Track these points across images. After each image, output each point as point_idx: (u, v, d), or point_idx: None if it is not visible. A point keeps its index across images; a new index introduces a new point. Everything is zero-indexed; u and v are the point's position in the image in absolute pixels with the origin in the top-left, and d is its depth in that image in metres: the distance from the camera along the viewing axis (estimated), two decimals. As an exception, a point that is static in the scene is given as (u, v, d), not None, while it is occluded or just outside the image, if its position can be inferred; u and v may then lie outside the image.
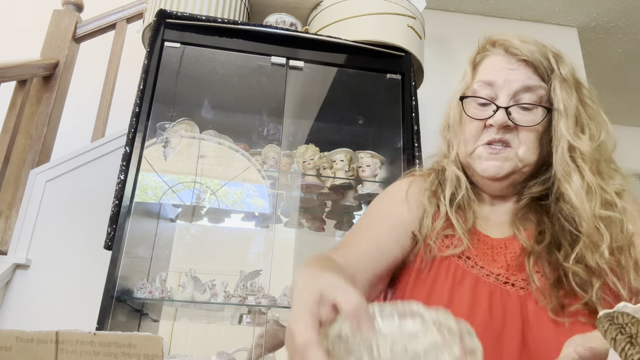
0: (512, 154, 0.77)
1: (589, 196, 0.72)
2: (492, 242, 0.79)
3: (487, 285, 0.73)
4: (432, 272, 0.76)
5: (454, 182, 0.82)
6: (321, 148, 1.86)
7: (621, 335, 0.42)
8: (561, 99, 0.76)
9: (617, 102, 3.44)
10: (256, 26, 1.78)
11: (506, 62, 0.80)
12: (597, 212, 0.71)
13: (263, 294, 1.56)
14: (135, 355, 0.49)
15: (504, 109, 0.76)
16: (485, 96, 0.80)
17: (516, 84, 0.78)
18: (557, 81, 0.78)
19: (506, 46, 0.81)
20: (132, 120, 1.59)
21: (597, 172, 0.75)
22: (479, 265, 0.75)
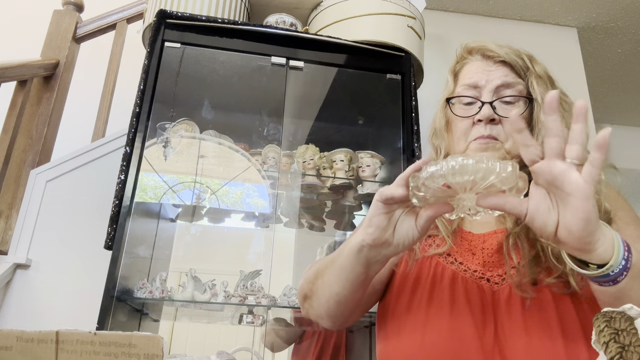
0: (500, 146, 0.82)
1: None
2: (472, 237, 0.82)
3: (464, 280, 0.75)
4: (415, 272, 0.80)
5: None
6: (321, 148, 1.86)
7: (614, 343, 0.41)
8: (539, 92, 0.82)
9: (617, 102, 3.44)
10: (256, 26, 1.78)
11: (485, 65, 0.87)
12: None
13: (263, 294, 1.56)
14: (135, 355, 0.49)
15: (488, 103, 0.82)
16: (470, 96, 0.85)
17: (496, 81, 0.84)
18: (534, 77, 0.84)
19: (483, 51, 0.88)
20: (133, 120, 1.60)
21: None
22: (458, 262, 0.78)
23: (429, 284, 0.76)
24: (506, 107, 0.83)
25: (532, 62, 0.86)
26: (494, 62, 0.86)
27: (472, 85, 0.86)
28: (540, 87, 0.82)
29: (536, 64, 0.86)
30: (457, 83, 0.90)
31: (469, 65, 0.89)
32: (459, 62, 0.92)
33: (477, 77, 0.86)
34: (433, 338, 0.70)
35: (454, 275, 0.76)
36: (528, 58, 0.86)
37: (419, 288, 0.77)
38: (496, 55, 0.86)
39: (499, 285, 0.74)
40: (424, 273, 0.79)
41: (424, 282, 0.77)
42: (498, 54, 0.85)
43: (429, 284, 0.76)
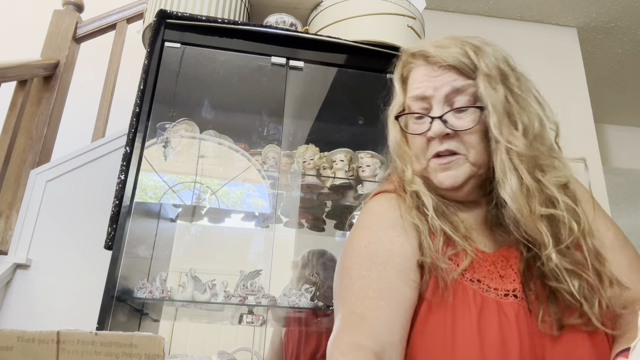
0: (463, 160, 0.75)
1: (528, 198, 0.70)
2: (491, 257, 0.75)
3: (511, 306, 0.69)
4: (449, 300, 0.70)
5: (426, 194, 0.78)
6: (321, 148, 1.86)
7: None
8: (487, 97, 0.74)
9: (617, 102, 3.44)
10: (256, 26, 1.78)
11: (429, 71, 0.79)
12: (538, 211, 0.69)
13: (263, 294, 1.56)
14: (136, 355, 0.49)
15: (438, 118, 0.75)
16: (420, 109, 0.79)
17: (445, 89, 0.76)
18: (481, 78, 0.75)
19: (424, 56, 0.80)
20: (133, 120, 1.60)
21: (536, 168, 0.72)
22: (492, 288, 0.71)
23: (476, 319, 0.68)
24: (459, 117, 0.76)
25: (479, 57, 0.77)
26: (439, 67, 0.78)
27: (420, 96, 0.79)
28: (488, 90, 0.74)
29: (484, 58, 0.77)
30: (406, 92, 0.83)
31: (414, 71, 0.82)
32: (405, 67, 0.84)
33: (424, 87, 0.78)
34: None
35: (498, 305, 0.70)
36: (475, 52, 0.78)
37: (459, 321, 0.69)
38: (439, 60, 0.77)
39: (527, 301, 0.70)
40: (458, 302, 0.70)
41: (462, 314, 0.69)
42: (441, 59, 0.77)
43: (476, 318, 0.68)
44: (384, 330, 0.66)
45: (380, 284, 0.70)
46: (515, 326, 0.67)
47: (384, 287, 0.70)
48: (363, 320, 0.67)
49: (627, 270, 0.74)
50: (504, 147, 0.72)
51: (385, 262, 0.73)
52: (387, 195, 0.83)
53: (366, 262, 0.73)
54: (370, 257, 0.74)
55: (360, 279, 0.72)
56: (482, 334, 0.66)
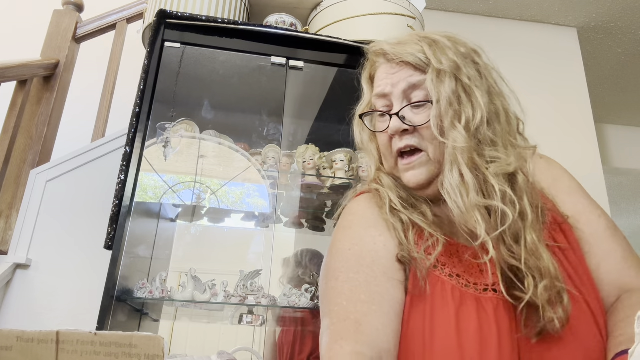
0: (425, 157, 0.76)
1: (466, 191, 0.70)
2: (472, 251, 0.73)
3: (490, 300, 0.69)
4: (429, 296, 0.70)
5: (393, 188, 0.80)
6: (321, 148, 1.86)
7: None
8: (434, 91, 0.74)
9: (617, 102, 3.44)
10: (256, 26, 1.78)
11: (389, 69, 0.80)
12: (475, 201, 0.69)
13: (263, 294, 1.56)
14: (136, 355, 0.49)
15: (395, 115, 0.76)
16: (382, 107, 0.80)
17: (401, 85, 0.78)
18: (430, 72, 0.76)
19: (384, 53, 0.82)
20: (133, 120, 1.60)
21: (477, 161, 0.72)
22: (472, 283, 0.71)
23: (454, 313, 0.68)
24: (416, 112, 0.76)
25: (433, 52, 0.77)
26: (396, 64, 0.80)
27: (381, 94, 0.80)
28: (436, 84, 0.74)
29: (438, 51, 0.77)
30: (372, 91, 0.85)
31: (378, 70, 0.84)
32: (372, 66, 0.86)
33: (383, 85, 0.80)
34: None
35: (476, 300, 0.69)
36: (430, 46, 0.78)
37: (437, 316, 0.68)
38: (395, 57, 0.79)
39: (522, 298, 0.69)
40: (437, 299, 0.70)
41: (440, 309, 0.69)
42: (396, 56, 0.79)
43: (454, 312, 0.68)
44: (379, 337, 0.66)
45: (370, 287, 0.70)
46: (493, 320, 0.66)
47: (375, 292, 0.70)
48: (359, 326, 0.66)
49: (621, 259, 0.75)
50: (446, 141, 0.73)
51: (372, 264, 0.73)
52: (366, 195, 0.84)
53: (353, 264, 0.73)
54: (356, 259, 0.74)
55: (349, 282, 0.72)
56: (460, 329, 0.66)
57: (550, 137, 2.54)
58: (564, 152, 2.57)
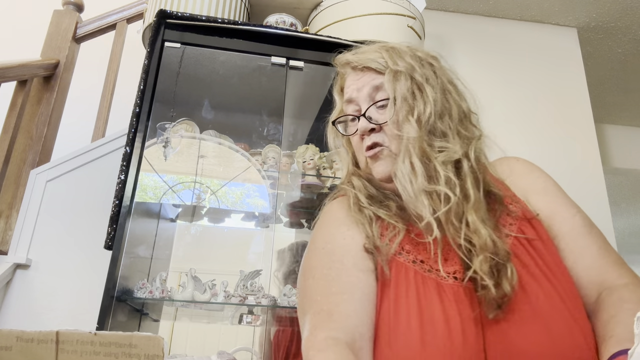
0: (387, 151, 0.82)
1: (413, 175, 0.76)
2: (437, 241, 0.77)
3: (450, 287, 0.72)
4: (393, 281, 0.74)
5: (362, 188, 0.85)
6: (321, 148, 1.86)
7: None
8: (390, 90, 0.81)
9: (617, 102, 3.44)
10: (256, 26, 1.78)
11: (354, 76, 0.88)
12: (422, 186, 0.75)
13: (263, 294, 1.56)
14: (136, 355, 0.49)
15: (362, 115, 0.83)
16: (352, 112, 0.87)
17: (366, 89, 0.85)
18: (387, 74, 0.83)
19: (348, 63, 0.89)
20: (133, 120, 1.60)
21: (426, 151, 0.77)
22: (434, 269, 0.74)
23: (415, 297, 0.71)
24: (381, 112, 0.83)
25: (390, 56, 0.85)
26: (360, 70, 0.87)
27: (349, 100, 0.87)
28: (392, 83, 0.81)
29: (395, 56, 0.85)
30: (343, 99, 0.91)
31: (346, 79, 0.91)
32: (342, 78, 0.93)
33: (350, 91, 0.87)
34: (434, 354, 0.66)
35: (438, 284, 0.72)
36: (387, 52, 0.86)
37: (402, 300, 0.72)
38: (358, 64, 0.87)
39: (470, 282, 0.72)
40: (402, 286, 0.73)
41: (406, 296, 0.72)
42: (359, 62, 0.87)
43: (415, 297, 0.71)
44: (352, 322, 0.70)
45: (341, 279, 0.75)
46: (454, 303, 0.69)
47: (345, 282, 0.74)
48: (331, 316, 0.70)
49: (597, 256, 0.76)
50: (401, 135, 0.79)
51: (342, 258, 0.78)
52: (339, 199, 0.90)
53: (326, 261, 0.79)
54: (329, 256, 0.79)
55: (323, 278, 0.77)
56: (422, 312, 0.69)
57: (550, 137, 2.54)
58: (564, 152, 2.57)
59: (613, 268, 0.75)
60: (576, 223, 0.79)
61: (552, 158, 2.50)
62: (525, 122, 2.52)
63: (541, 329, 0.67)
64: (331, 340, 0.67)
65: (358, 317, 0.71)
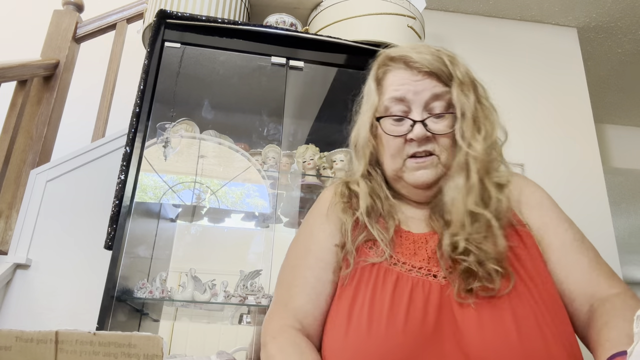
0: (436, 160, 0.82)
1: (468, 193, 0.78)
2: (414, 237, 0.82)
3: (409, 279, 0.75)
4: (356, 278, 0.78)
5: (367, 197, 0.85)
6: (321, 148, 1.86)
7: None
8: (459, 104, 0.81)
9: (617, 102, 3.44)
10: (256, 26, 1.78)
11: (410, 75, 0.84)
12: (469, 207, 0.77)
13: (263, 294, 1.56)
14: (135, 355, 0.49)
15: (420, 122, 0.81)
16: (399, 112, 0.84)
17: (425, 94, 0.82)
18: (455, 86, 0.82)
19: (405, 60, 0.85)
20: (133, 120, 1.60)
21: (485, 171, 0.80)
22: (401, 262, 0.78)
23: (370, 289, 0.75)
24: (437, 121, 0.82)
25: (454, 67, 0.84)
26: (419, 72, 0.84)
27: (400, 98, 0.84)
28: (461, 96, 0.82)
29: (458, 67, 0.84)
30: (382, 93, 0.88)
31: (392, 73, 0.87)
32: (380, 69, 0.90)
33: (404, 90, 0.84)
34: (377, 344, 0.69)
35: (398, 276, 0.76)
36: (450, 61, 0.85)
37: (360, 294, 0.76)
38: (421, 66, 0.84)
39: (446, 279, 0.75)
40: (364, 279, 0.78)
41: (365, 287, 0.76)
42: (422, 65, 0.83)
43: (370, 289, 0.75)
44: (300, 313, 0.78)
45: (302, 273, 0.82)
46: (407, 294, 0.73)
47: (301, 276, 0.82)
48: (285, 307, 0.80)
49: (587, 269, 0.77)
50: (464, 150, 0.80)
51: (310, 252, 0.84)
52: (330, 187, 0.94)
53: (299, 252, 0.86)
54: (302, 247, 0.86)
55: (292, 268, 0.85)
56: (374, 302, 0.73)
57: (550, 137, 2.54)
58: (564, 152, 2.57)
59: (604, 280, 0.76)
60: (568, 237, 0.81)
61: (552, 158, 2.49)
62: (525, 122, 2.51)
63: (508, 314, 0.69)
64: (282, 327, 0.77)
65: (305, 309, 0.79)
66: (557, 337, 0.68)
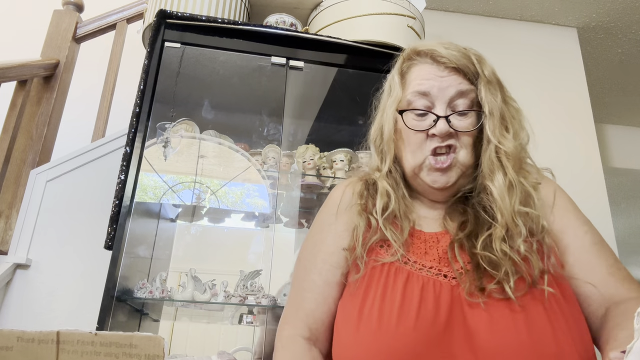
0: (455, 160, 0.81)
1: (510, 192, 0.78)
2: (425, 236, 0.82)
3: (420, 278, 0.75)
4: (367, 277, 0.78)
5: (384, 196, 0.84)
6: (321, 148, 1.86)
7: None
8: (487, 102, 0.80)
9: (617, 102, 3.44)
10: (256, 26, 1.78)
11: (436, 71, 0.83)
12: (517, 208, 0.76)
13: (263, 294, 1.56)
14: (136, 355, 0.49)
15: (444, 117, 0.80)
16: (422, 106, 0.82)
17: (450, 91, 0.81)
18: (483, 84, 0.82)
19: (432, 55, 0.84)
20: (133, 120, 1.60)
21: (518, 169, 0.81)
22: (412, 261, 0.78)
23: (381, 287, 0.75)
24: (460, 118, 0.81)
25: (481, 65, 0.83)
26: (445, 68, 0.82)
27: (424, 92, 0.82)
28: (488, 95, 0.81)
29: (485, 66, 0.84)
30: (406, 86, 0.86)
31: (417, 67, 0.86)
32: (405, 62, 0.88)
33: (429, 85, 0.82)
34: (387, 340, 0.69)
35: (408, 275, 0.76)
36: (477, 60, 0.84)
37: (370, 292, 0.76)
38: (447, 61, 0.82)
39: (457, 280, 0.74)
40: (375, 277, 0.78)
41: (375, 286, 0.76)
42: (449, 60, 0.82)
43: (381, 287, 0.76)
44: (310, 319, 0.81)
45: (313, 276, 0.83)
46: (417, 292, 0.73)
47: (311, 279, 0.83)
48: (297, 312, 0.82)
49: (605, 273, 0.77)
50: (494, 147, 0.80)
51: (317, 253, 0.85)
52: (339, 186, 0.93)
53: (310, 252, 0.87)
54: (313, 248, 0.87)
55: (303, 270, 0.86)
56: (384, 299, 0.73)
57: (551, 137, 2.54)
58: (564, 152, 2.57)
59: (622, 284, 0.76)
60: (587, 240, 0.80)
61: (552, 158, 2.49)
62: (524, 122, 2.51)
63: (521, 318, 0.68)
64: (292, 338, 0.79)
65: (316, 316, 0.81)
66: (572, 342, 0.67)
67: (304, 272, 0.85)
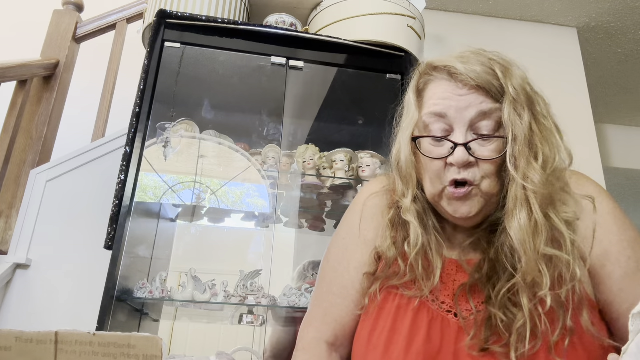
0: (477, 191, 0.72)
1: (535, 234, 0.67)
2: (445, 261, 0.77)
3: (430, 311, 0.72)
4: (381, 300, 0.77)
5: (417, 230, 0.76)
6: (321, 148, 1.86)
7: None
8: (511, 124, 0.70)
9: (617, 102, 3.44)
10: (256, 26, 1.78)
11: (454, 89, 0.73)
12: (542, 250, 0.67)
13: (263, 294, 1.56)
14: (134, 355, 0.49)
15: (462, 145, 0.70)
16: (439, 130, 0.73)
17: (470, 112, 0.71)
18: (507, 104, 0.70)
19: (449, 71, 0.74)
20: (133, 121, 1.60)
21: (549, 204, 0.70)
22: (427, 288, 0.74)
23: (393, 314, 0.74)
24: (482, 143, 0.71)
25: (507, 79, 0.72)
26: (464, 86, 0.72)
27: (439, 114, 0.73)
28: (514, 117, 0.70)
29: (512, 79, 0.73)
30: (422, 106, 0.77)
31: (433, 84, 0.76)
32: (422, 79, 0.79)
33: (445, 106, 0.72)
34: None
35: (421, 304, 0.73)
36: (503, 72, 0.73)
37: (382, 316, 0.75)
38: (466, 79, 0.71)
39: (466, 321, 0.70)
40: (389, 300, 0.76)
41: (389, 309, 0.75)
42: (469, 77, 0.71)
43: (393, 313, 0.74)
44: (338, 325, 0.80)
45: (343, 281, 0.82)
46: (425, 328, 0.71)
47: (344, 285, 0.81)
48: (325, 316, 0.81)
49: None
50: (519, 178, 0.69)
51: (351, 258, 0.83)
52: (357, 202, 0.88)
53: (340, 255, 0.84)
54: (343, 251, 0.84)
55: (332, 270, 0.84)
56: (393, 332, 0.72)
57: (551, 137, 2.54)
58: (564, 152, 2.56)
59: None
60: (631, 267, 0.71)
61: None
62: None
63: None
64: (316, 342, 0.79)
65: (343, 322, 0.80)
66: None
67: (334, 274, 0.83)
